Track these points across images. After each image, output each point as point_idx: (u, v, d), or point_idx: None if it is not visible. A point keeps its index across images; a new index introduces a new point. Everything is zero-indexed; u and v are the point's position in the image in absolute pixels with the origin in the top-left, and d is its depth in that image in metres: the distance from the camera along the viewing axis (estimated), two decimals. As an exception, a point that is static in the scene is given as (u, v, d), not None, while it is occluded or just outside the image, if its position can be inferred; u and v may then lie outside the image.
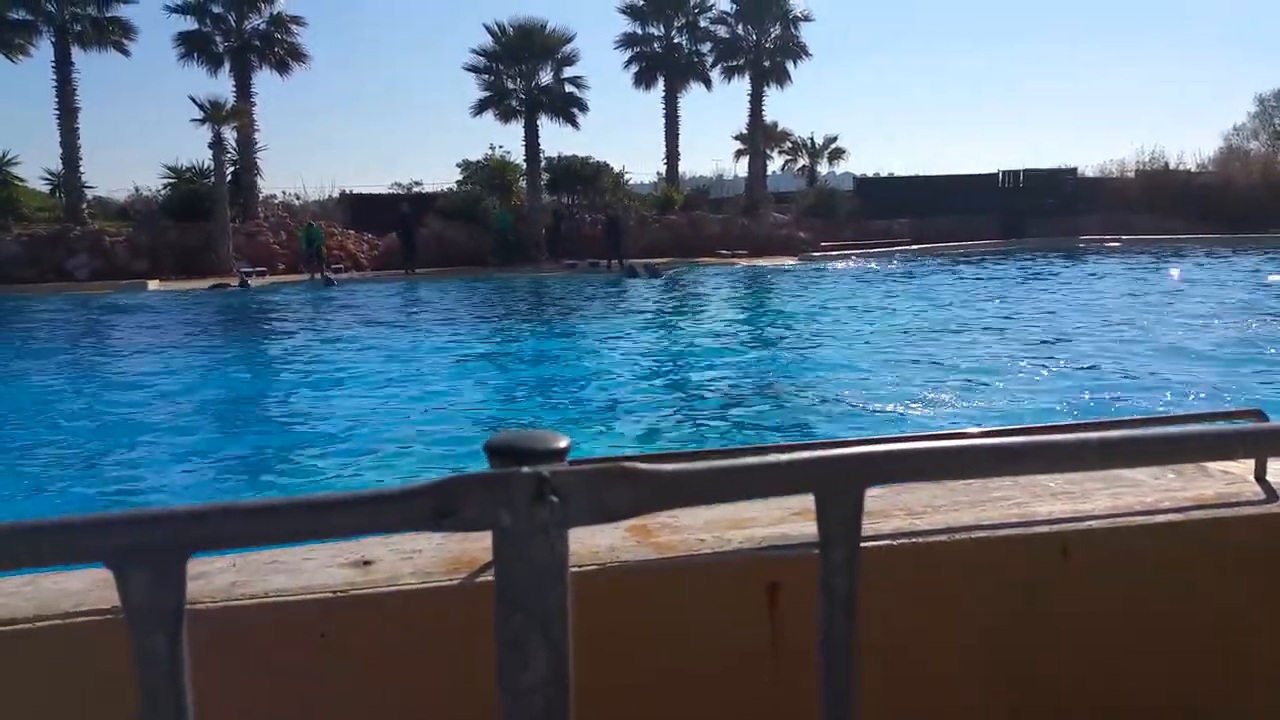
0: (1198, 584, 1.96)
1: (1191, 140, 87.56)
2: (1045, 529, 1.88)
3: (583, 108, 34.56)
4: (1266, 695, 2.02)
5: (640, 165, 66.35)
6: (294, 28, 33.80)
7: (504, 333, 16.36)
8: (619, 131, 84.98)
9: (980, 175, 42.71)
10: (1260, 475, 2.13)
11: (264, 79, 33.72)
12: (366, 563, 1.65)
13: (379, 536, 1.75)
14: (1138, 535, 1.91)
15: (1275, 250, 29.00)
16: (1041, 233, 37.63)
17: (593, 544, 1.72)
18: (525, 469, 0.62)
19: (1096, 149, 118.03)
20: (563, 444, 0.67)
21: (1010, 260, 30.01)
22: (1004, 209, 40.58)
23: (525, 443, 0.66)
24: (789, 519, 1.86)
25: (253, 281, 26.32)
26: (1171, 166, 42.82)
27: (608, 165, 35.35)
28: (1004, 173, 42.64)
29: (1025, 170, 42.64)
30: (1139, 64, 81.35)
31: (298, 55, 33.98)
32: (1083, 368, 11.01)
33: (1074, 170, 43.37)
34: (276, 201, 35.69)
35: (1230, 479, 2.14)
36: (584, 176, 34.31)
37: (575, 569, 0.65)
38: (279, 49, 33.59)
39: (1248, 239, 33.29)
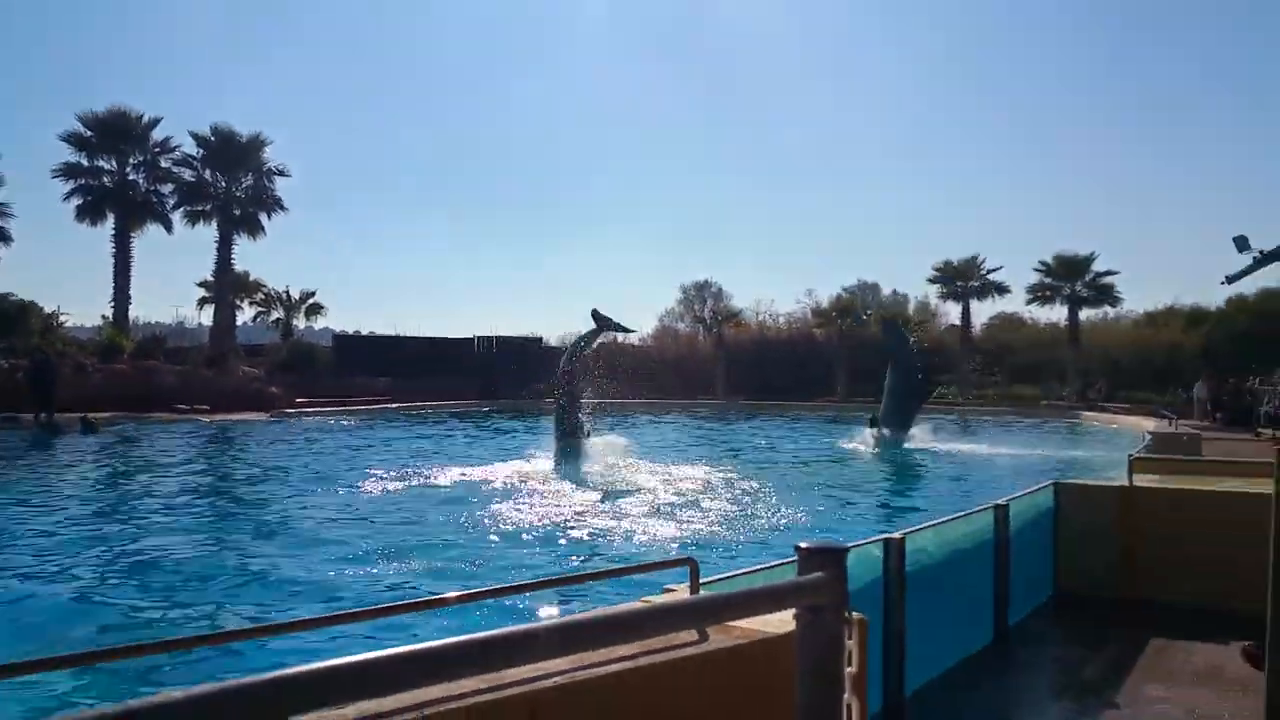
0: (654, 718, 2.18)
1: (634, 319, 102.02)
2: (513, 692, 1.93)
3: (5, 238, 29.56)
4: None
5: (84, 307, 58.48)
6: None
7: None
8: (58, 269, 74.50)
9: (459, 339, 44.64)
10: None
11: None
12: None
13: None
14: (594, 687, 2.06)
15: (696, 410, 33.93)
16: (515, 394, 39.90)
17: None
18: None
19: (560, 320, 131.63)
20: None
21: (474, 421, 31.14)
22: (481, 372, 42.65)
23: None
24: None
25: None
26: (619, 340, 48.85)
27: (35, 305, 30.26)
28: (479, 338, 45.08)
29: (498, 337, 45.49)
30: (590, 249, 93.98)
31: None
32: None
33: (540, 339, 47.30)
34: None
35: None
36: (4, 316, 28.83)
37: None
38: None
39: (675, 404, 38.85)
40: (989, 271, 44.97)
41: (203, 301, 40.47)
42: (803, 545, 1.27)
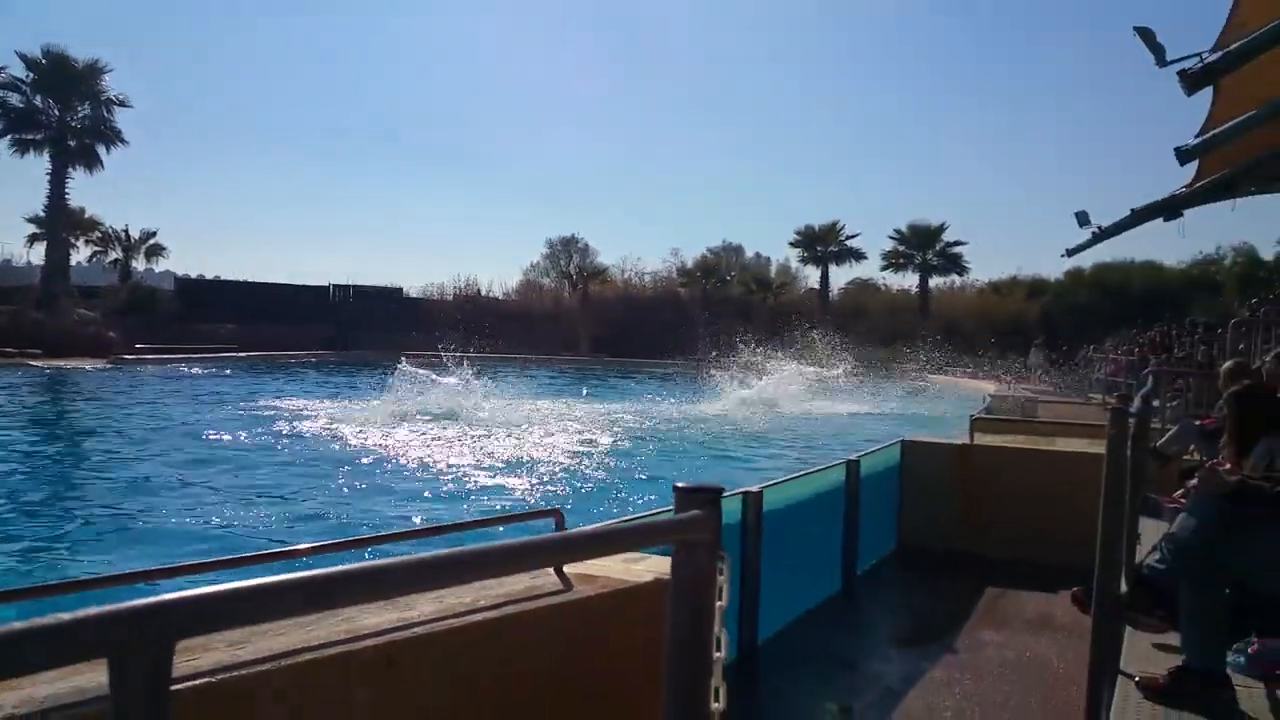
0: (516, 668, 2.16)
1: (499, 272, 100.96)
2: (371, 643, 1.87)
3: None
4: None
5: (-108, 242, 53.24)
6: None
7: None
8: None
9: (312, 287, 42.92)
10: (558, 568, 2.49)
11: None
12: None
13: None
14: (459, 635, 2.03)
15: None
16: (371, 346, 38.79)
17: None
18: None
19: (420, 271, 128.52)
20: None
21: (328, 371, 30.18)
22: (336, 321, 41.17)
23: None
24: (82, 668, 1.44)
25: None
26: (483, 293, 48.10)
27: None
28: (335, 287, 43.48)
29: (355, 286, 43.99)
30: (454, 200, 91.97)
31: None
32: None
33: (400, 290, 46.08)
34: None
35: (537, 572, 2.47)
36: None
37: None
38: None
39: (539, 359, 38.49)
40: (848, 238, 46.49)
41: (33, 238, 37.54)
42: (680, 485, 1.28)
